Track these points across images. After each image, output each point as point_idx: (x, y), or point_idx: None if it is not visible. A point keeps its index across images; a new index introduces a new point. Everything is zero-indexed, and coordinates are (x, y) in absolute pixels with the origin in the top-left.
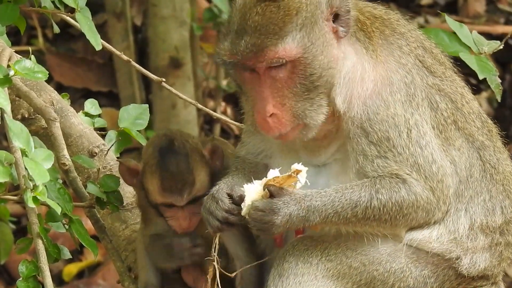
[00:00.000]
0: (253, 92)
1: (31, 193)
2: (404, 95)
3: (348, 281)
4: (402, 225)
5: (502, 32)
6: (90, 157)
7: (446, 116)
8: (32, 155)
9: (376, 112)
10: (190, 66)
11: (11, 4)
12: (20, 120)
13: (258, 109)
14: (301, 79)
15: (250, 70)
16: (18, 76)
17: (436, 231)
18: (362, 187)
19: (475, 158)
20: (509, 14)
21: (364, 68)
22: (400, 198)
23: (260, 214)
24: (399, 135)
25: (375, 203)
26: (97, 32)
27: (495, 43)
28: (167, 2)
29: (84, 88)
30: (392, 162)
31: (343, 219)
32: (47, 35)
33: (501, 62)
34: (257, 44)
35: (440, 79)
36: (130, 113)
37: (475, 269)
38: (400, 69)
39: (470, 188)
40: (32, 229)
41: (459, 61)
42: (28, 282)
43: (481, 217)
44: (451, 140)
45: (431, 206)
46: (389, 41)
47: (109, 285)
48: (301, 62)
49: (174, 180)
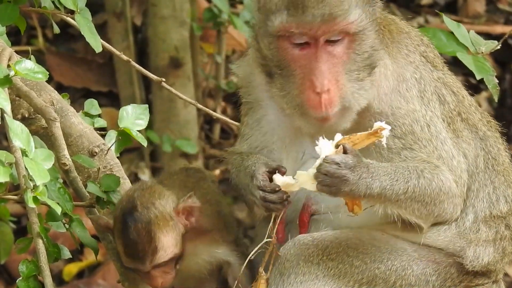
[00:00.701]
0: (305, 69)
1: (31, 193)
2: (417, 91)
3: (349, 279)
4: (436, 214)
5: (502, 32)
6: (90, 156)
7: (452, 108)
8: (33, 155)
9: (399, 107)
10: (190, 66)
11: (11, 4)
12: (20, 120)
13: (310, 85)
14: (355, 55)
15: (305, 45)
16: (18, 76)
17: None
18: (408, 167)
19: (479, 149)
20: (509, 14)
21: (386, 65)
22: (440, 181)
23: (335, 167)
24: (421, 129)
25: (422, 181)
26: (97, 33)
27: (493, 43)
28: (167, 2)
29: (84, 88)
30: (419, 152)
31: (395, 194)
32: (47, 35)
33: (500, 61)
34: (331, 13)
35: (442, 73)
36: (130, 113)
37: (478, 263)
38: (409, 66)
39: (476, 181)
40: (32, 229)
41: (458, 61)
42: (28, 282)
43: (485, 209)
44: (459, 131)
45: (457, 199)
46: (396, 39)
47: (109, 285)
48: (359, 37)
49: (135, 249)
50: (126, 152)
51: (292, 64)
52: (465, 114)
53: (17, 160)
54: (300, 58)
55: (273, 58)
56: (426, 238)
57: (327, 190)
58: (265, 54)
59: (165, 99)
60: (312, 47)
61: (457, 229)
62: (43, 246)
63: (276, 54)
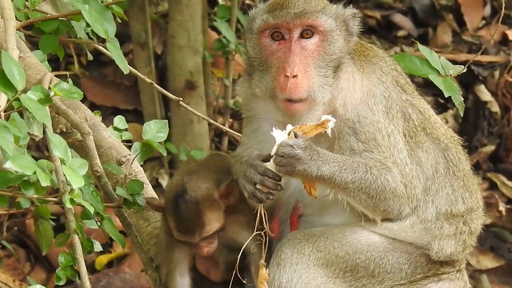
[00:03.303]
0: (280, 60)
1: (68, 196)
2: (383, 107)
3: (335, 268)
4: (382, 208)
5: (466, 59)
6: (118, 165)
7: (417, 124)
8: (69, 163)
9: (365, 117)
10: (202, 88)
11: (52, 36)
12: (59, 133)
13: (282, 70)
14: (324, 54)
15: (282, 39)
16: (57, 96)
17: (409, 220)
18: (358, 161)
19: (440, 157)
20: (472, 44)
21: (355, 80)
22: (386, 180)
23: (289, 148)
24: (382, 137)
25: (368, 176)
26: (124, 59)
27: (459, 67)
28: (183, 34)
29: (113, 106)
30: (377, 155)
31: (344, 182)
32: (82, 62)
33: (464, 84)
34: (301, 11)
35: (411, 96)
36: (152, 127)
37: (442, 254)
38: (380, 85)
39: (436, 183)
40: (69, 226)
41: (428, 84)
42: (66, 271)
43: (445, 207)
44: (420, 143)
45: (404, 199)
46: (372, 61)
47: (134, 273)
48: (328, 38)
49: (186, 225)
50: (149, 160)
51: (270, 58)
52: (429, 129)
53: (57, 167)
54: (278, 51)
55: (256, 56)
56: (397, 234)
57: (284, 170)
58: (250, 55)
59: (181, 115)
60: (287, 42)
61: (422, 224)
62: (79, 240)
63: (258, 51)
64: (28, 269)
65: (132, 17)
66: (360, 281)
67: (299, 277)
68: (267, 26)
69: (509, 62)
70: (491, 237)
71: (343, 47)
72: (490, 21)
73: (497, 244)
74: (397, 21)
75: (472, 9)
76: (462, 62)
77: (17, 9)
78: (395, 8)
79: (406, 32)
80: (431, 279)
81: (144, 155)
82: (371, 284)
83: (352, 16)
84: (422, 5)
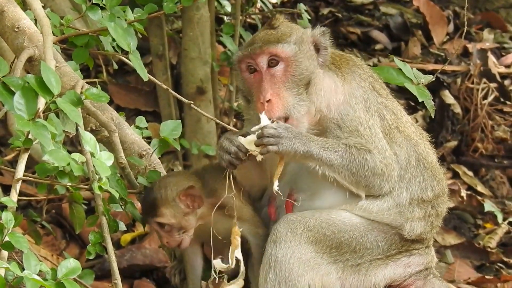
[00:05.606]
0: (257, 87)
1: (97, 183)
2: (363, 106)
3: (323, 245)
4: (363, 184)
5: (433, 69)
6: (139, 157)
7: (391, 123)
8: (98, 156)
9: (347, 114)
10: (211, 93)
11: (83, 48)
12: (89, 131)
13: (259, 96)
14: (292, 76)
15: (255, 71)
16: (88, 99)
17: (387, 204)
18: (338, 142)
19: (412, 151)
20: (438, 56)
21: (337, 85)
22: (364, 160)
23: (273, 130)
24: (364, 129)
25: (348, 154)
26: (144, 68)
27: (429, 76)
28: (194, 47)
29: (136, 108)
30: (360, 140)
31: (329, 159)
32: (109, 71)
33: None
34: (262, 44)
35: (386, 99)
36: (168, 126)
37: (413, 233)
38: (360, 89)
39: (409, 172)
40: (98, 209)
41: (401, 89)
42: (95, 247)
43: (417, 193)
44: (394, 139)
45: (384, 177)
46: (352, 70)
47: (153, 249)
48: (292, 63)
49: (144, 208)
50: (165, 154)
51: (250, 88)
52: (401, 128)
53: (87, 160)
54: (254, 82)
55: (243, 88)
56: (376, 216)
57: (271, 148)
58: (240, 86)
59: (193, 116)
60: (259, 72)
61: (397, 208)
62: (106, 221)
63: (242, 83)
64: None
65: (151, 33)
66: (343, 256)
67: (292, 252)
68: (239, 60)
69: (469, 71)
70: (454, 219)
71: (309, 65)
72: (453, 36)
73: (459, 224)
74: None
75: (438, 26)
76: (429, 71)
77: (54, 26)
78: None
79: (382, 45)
80: (404, 254)
81: (161, 149)
82: (353, 258)
83: (322, 34)
84: (395, 23)
